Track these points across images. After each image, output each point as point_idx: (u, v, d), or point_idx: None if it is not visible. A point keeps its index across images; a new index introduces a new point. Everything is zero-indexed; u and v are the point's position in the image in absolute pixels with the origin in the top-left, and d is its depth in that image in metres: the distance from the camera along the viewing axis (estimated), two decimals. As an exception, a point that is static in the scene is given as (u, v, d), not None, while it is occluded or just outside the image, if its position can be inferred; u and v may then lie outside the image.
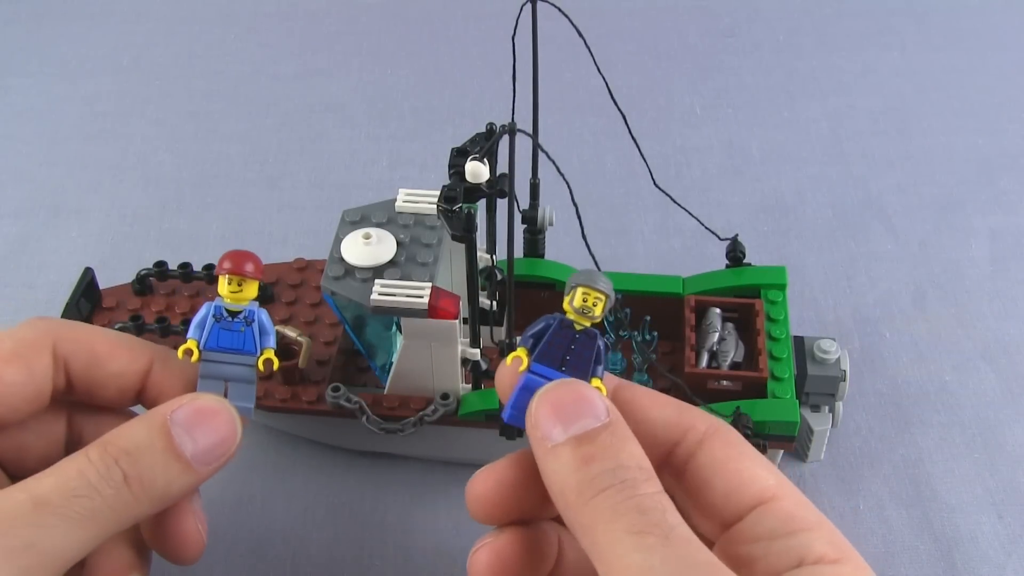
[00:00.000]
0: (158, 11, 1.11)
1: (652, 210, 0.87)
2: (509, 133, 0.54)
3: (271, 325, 0.51)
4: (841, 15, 1.09)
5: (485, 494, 0.47)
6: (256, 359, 0.50)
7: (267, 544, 0.65)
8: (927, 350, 0.76)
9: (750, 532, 0.44)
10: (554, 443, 0.43)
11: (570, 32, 0.59)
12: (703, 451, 0.46)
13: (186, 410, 0.47)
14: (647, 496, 0.41)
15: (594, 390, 0.45)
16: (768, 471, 0.45)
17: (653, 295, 0.70)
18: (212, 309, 0.50)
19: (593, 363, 0.46)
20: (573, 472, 0.42)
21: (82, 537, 0.44)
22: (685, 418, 0.46)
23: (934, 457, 0.70)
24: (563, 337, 0.46)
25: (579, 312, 0.46)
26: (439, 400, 0.63)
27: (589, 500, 0.41)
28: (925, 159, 0.93)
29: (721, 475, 0.45)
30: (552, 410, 0.44)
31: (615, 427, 0.43)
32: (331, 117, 0.98)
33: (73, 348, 0.50)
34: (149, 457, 0.46)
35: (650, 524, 0.40)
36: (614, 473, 0.41)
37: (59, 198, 0.89)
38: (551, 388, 0.45)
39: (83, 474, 0.44)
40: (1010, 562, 0.64)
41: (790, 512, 0.44)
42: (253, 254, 0.51)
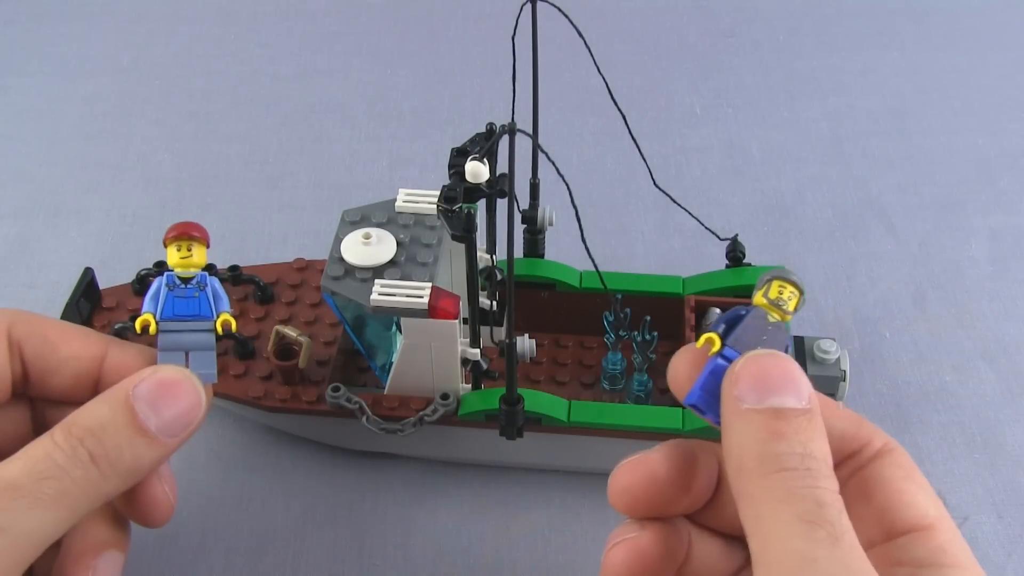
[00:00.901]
0: (158, 11, 1.11)
1: (652, 210, 0.87)
2: (509, 133, 0.54)
3: (224, 290, 0.52)
4: (841, 15, 1.09)
5: (633, 486, 0.46)
6: (213, 323, 0.51)
7: (267, 544, 0.65)
8: (927, 350, 0.76)
9: (898, 555, 0.42)
10: (748, 406, 0.41)
11: (570, 32, 0.59)
12: (872, 466, 0.44)
13: (148, 383, 0.47)
14: (828, 491, 0.39)
15: (802, 372, 0.43)
16: (931, 501, 0.43)
17: (653, 295, 0.70)
18: (164, 279, 0.51)
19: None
20: (760, 441, 0.41)
21: (54, 518, 0.43)
22: (863, 432, 0.45)
23: (934, 457, 0.70)
24: (757, 327, 0.45)
25: (773, 304, 0.45)
26: (439, 400, 0.63)
27: (768, 473, 0.40)
28: (925, 159, 0.93)
29: (883, 492, 0.43)
30: (757, 374, 0.42)
31: (813, 416, 0.42)
32: (331, 117, 0.98)
33: (26, 332, 0.50)
34: (113, 434, 0.45)
35: (824, 519, 0.39)
36: (802, 459, 0.40)
37: (59, 198, 0.89)
38: (762, 355, 0.43)
39: (49, 456, 0.44)
40: (1010, 562, 0.64)
41: (943, 545, 0.42)
42: (198, 223, 0.52)
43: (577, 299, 0.71)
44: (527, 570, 0.64)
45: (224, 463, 0.70)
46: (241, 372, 0.67)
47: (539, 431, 0.64)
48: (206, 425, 0.71)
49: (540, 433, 0.64)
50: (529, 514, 0.67)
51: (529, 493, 0.68)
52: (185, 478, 0.69)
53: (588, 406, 0.63)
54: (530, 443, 0.64)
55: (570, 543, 0.66)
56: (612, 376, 0.69)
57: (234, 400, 0.66)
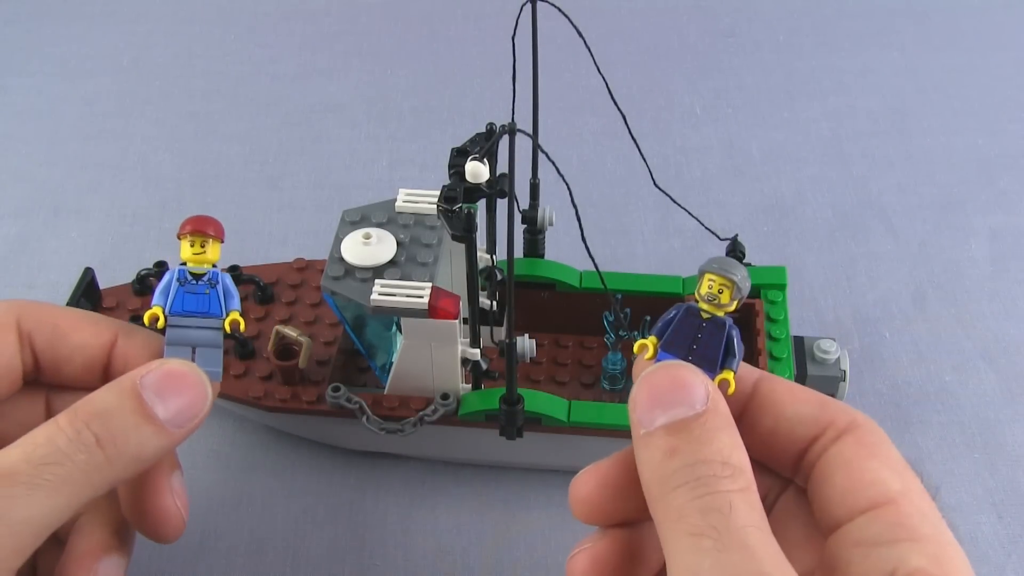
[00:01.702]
0: (158, 11, 1.11)
1: (652, 210, 0.87)
2: (509, 133, 0.54)
3: (235, 288, 0.51)
4: (841, 15, 1.09)
5: (588, 495, 0.45)
6: (222, 321, 0.50)
7: (267, 544, 0.65)
8: (927, 350, 0.76)
9: (854, 536, 0.41)
10: (647, 430, 0.41)
11: (570, 32, 0.59)
12: (835, 446, 0.43)
13: (155, 374, 0.46)
14: (717, 495, 0.39)
15: (697, 375, 0.42)
16: (896, 475, 0.42)
17: (653, 295, 0.70)
18: (176, 273, 0.51)
19: (723, 353, 0.43)
20: (658, 464, 0.40)
21: (54, 504, 0.43)
22: (826, 413, 0.43)
23: (934, 457, 0.70)
24: (689, 325, 0.44)
25: (706, 300, 0.44)
26: (439, 400, 0.63)
27: (664, 495, 0.40)
28: (925, 159, 0.93)
29: (844, 472, 0.42)
30: (649, 394, 0.42)
31: (708, 417, 0.41)
32: (331, 117, 0.98)
33: (36, 323, 0.50)
34: (120, 419, 0.45)
35: (708, 526, 0.38)
36: (692, 469, 0.39)
37: (59, 198, 0.89)
38: (652, 371, 0.42)
39: (52, 440, 0.43)
40: (1010, 562, 0.64)
41: (900, 520, 0.40)
42: (215, 218, 0.51)
43: (577, 299, 0.71)
44: (527, 570, 0.64)
45: (224, 463, 0.70)
46: (241, 372, 0.67)
47: (539, 431, 0.64)
48: (206, 425, 0.71)
49: (540, 433, 0.64)
50: (529, 514, 0.67)
51: (529, 493, 0.68)
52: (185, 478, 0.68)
53: (588, 406, 0.63)
54: (530, 443, 0.64)
55: (570, 543, 0.65)
56: (612, 376, 0.69)
57: (234, 400, 0.66)
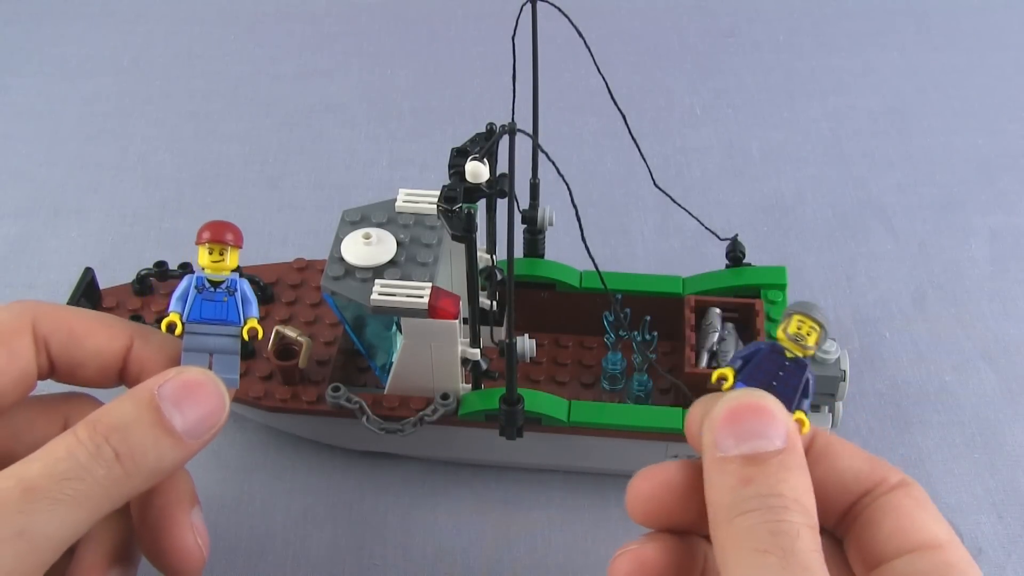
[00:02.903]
0: (158, 11, 1.11)
1: (652, 210, 0.87)
2: (509, 133, 0.54)
3: (253, 295, 0.51)
4: (841, 15, 1.09)
5: (649, 492, 0.45)
6: (240, 329, 0.50)
7: (267, 544, 0.65)
8: (927, 350, 0.76)
9: (901, 570, 0.42)
10: (724, 454, 0.41)
11: (570, 32, 0.59)
12: (886, 496, 0.44)
13: (173, 384, 0.46)
14: (785, 522, 0.40)
15: (781, 408, 0.43)
16: (943, 528, 0.43)
17: (653, 295, 0.70)
18: (194, 280, 0.50)
19: (800, 395, 0.44)
20: (730, 489, 0.41)
21: (75, 519, 0.43)
22: (879, 470, 0.45)
23: (934, 457, 0.70)
24: (772, 363, 0.45)
25: (792, 339, 0.45)
26: (439, 400, 0.63)
27: (732, 519, 0.40)
28: (925, 159, 0.93)
29: (894, 517, 0.43)
30: (731, 418, 0.42)
31: (788, 455, 0.41)
32: (331, 117, 0.98)
33: (52, 327, 0.50)
34: (139, 432, 0.45)
35: (776, 545, 0.39)
36: (766, 499, 0.40)
37: (59, 198, 0.89)
38: (736, 395, 0.43)
39: (73, 455, 0.43)
40: (1010, 562, 0.64)
41: (948, 561, 0.41)
42: (233, 224, 0.51)
43: (577, 299, 0.71)
44: (527, 570, 0.64)
45: (224, 463, 0.70)
46: (241, 372, 0.66)
47: (539, 431, 0.64)
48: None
49: (540, 433, 0.64)
50: (529, 514, 0.67)
51: (529, 493, 0.68)
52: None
53: (588, 406, 0.63)
54: (530, 443, 0.64)
55: (570, 543, 0.66)
56: (612, 376, 0.69)
57: (234, 400, 0.66)
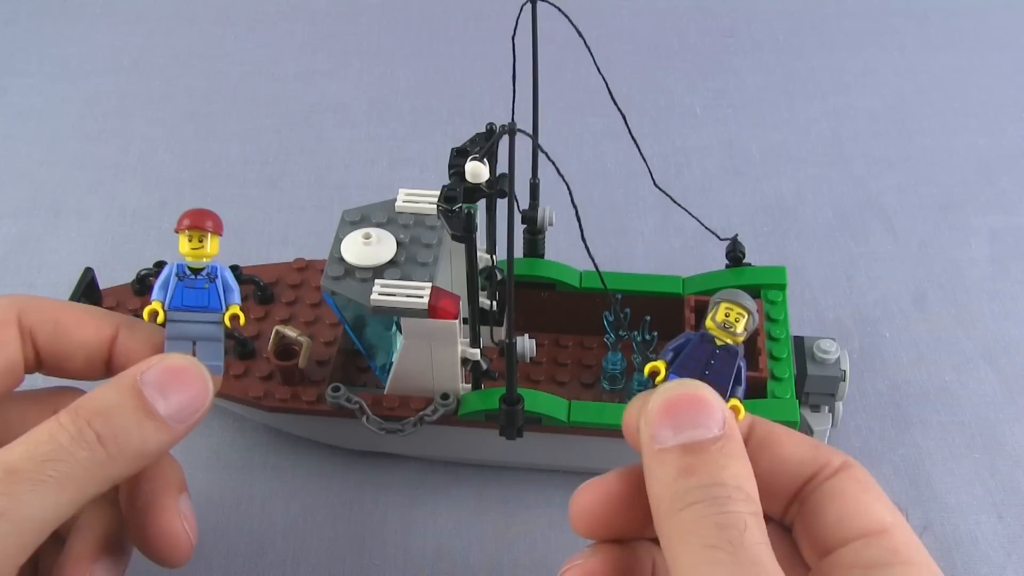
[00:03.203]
0: (158, 11, 1.11)
1: (652, 210, 0.87)
2: (509, 133, 0.54)
3: (235, 282, 0.51)
4: (841, 15, 1.09)
5: (590, 508, 0.46)
6: (222, 315, 0.50)
7: (267, 544, 0.65)
8: (927, 350, 0.76)
9: (849, 559, 0.42)
10: (662, 445, 0.42)
11: (570, 32, 0.59)
12: (829, 481, 0.45)
13: (156, 370, 0.47)
14: (731, 513, 0.40)
15: (716, 397, 0.43)
16: (888, 510, 0.44)
17: (653, 295, 0.70)
18: (174, 268, 0.50)
19: (732, 382, 0.45)
20: (672, 480, 0.41)
21: (57, 501, 0.43)
22: (821, 455, 0.45)
23: (934, 457, 0.70)
24: (703, 352, 0.45)
25: (721, 327, 0.45)
26: (439, 400, 0.63)
27: (678, 511, 0.40)
28: (925, 159, 0.93)
29: (838, 503, 0.44)
30: (666, 409, 0.42)
31: (726, 442, 0.42)
32: (331, 117, 0.98)
33: (38, 319, 0.50)
34: (122, 416, 0.45)
35: (723, 539, 0.39)
36: (709, 489, 0.40)
37: (59, 198, 0.89)
38: (671, 387, 0.43)
39: (55, 438, 0.44)
40: (1010, 562, 0.64)
41: (894, 546, 0.42)
42: (213, 212, 0.51)
43: (577, 299, 0.71)
44: (527, 570, 0.64)
45: (224, 463, 0.70)
46: (241, 372, 0.67)
47: (539, 431, 0.64)
48: (206, 425, 0.71)
49: (540, 433, 0.64)
50: (529, 514, 0.67)
51: (529, 493, 0.68)
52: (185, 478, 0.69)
53: (588, 406, 0.63)
54: (530, 443, 0.64)
55: (570, 543, 0.65)
56: (612, 376, 0.69)
57: (234, 400, 0.66)
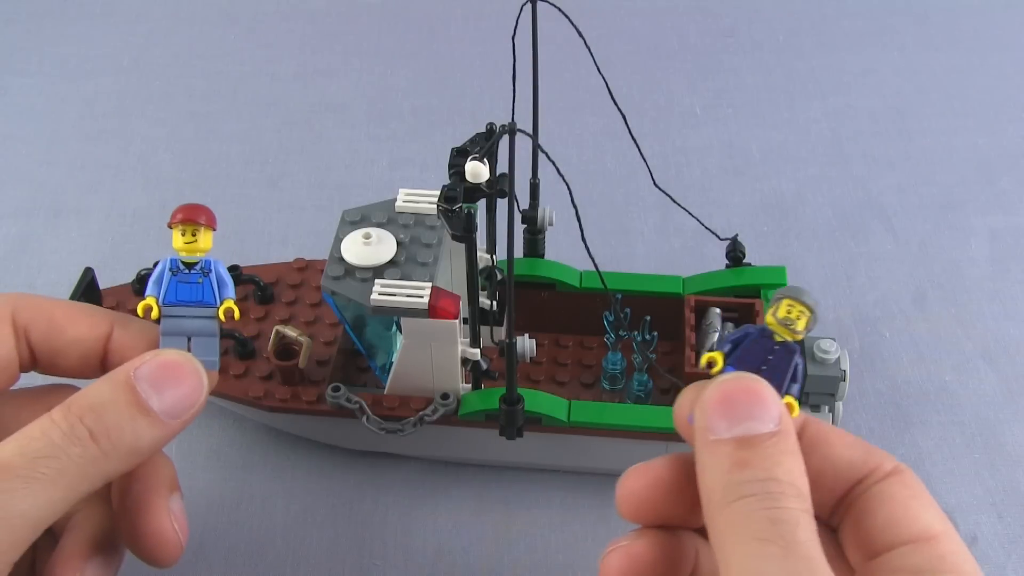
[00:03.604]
0: (158, 11, 1.11)
1: (652, 210, 0.87)
2: (509, 133, 0.54)
3: (229, 276, 0.51)
4: (841, 15, 1.09)
5: (638, 491, 0.45)
6: (216, 310, 0.50)
7: (267, 544, 0.65)
8: (927, 350, 0.76)
9: (896, 563, 0.42)
10: (716, 436, 0.41)
11: (570, 32, 0.59)
12: (879, 485, 0.44)
13: (150, 365, 0.46)
14: (784, 509, 0.40)
15: (772, 392, 0.43)
16: (938, 518, 0.43)
17: (653, 295, 0.70)
18: (168, 263, 0.50)
19: (789, 379, 0.45)
20: (725, 472, 0.41)
21: (50, 498, 0.43)
22: (873, 458, 0.45)
23: (934, 457, 0.70)
24: (762, 347, 0.45)
25: (782, 323, 0.45)
26: (439, 400, 0.63)
27: (730, 503, 0.40)
28: (925, 159, 0.93)
29: (888, 507, 0.43)
30: (723, 401, 0.42)
31: (781, 438, 0.42)
32: (331, 117, 0.98)
33: (31, 316, 0.50)
34: (114, 412, 0.45)
35: (777, 534, 0.39)
36: (763, 484, 0.40)
37: (59, 198, 0.89)
38: (728, 379, 0.43)
39: (46, 434, 0.44)
40: (1010, 562, 0.64)
41: (943, 554, 0.41)
42: (206, 206, 0.51)
43: (577, 299, 0.71)
44: (527, 570, 0.64)
45: (224, 463, 0.70)
46: (241, 372, 0.67)
47: (539, 431, 0.64)
48: (206, 425, 0.71)
49: (540, 433, 0.64)
50: (529, 514, 0.67)
51: (529, 493, 0.68)
52: (185, 478, 0.68)
53: (588, 406, 0.63)
54: (530, 443, 0.64)
55: (570, 543, 0.66)
56: (612, 376, 0.69)
57: (234, 400, 0.66)
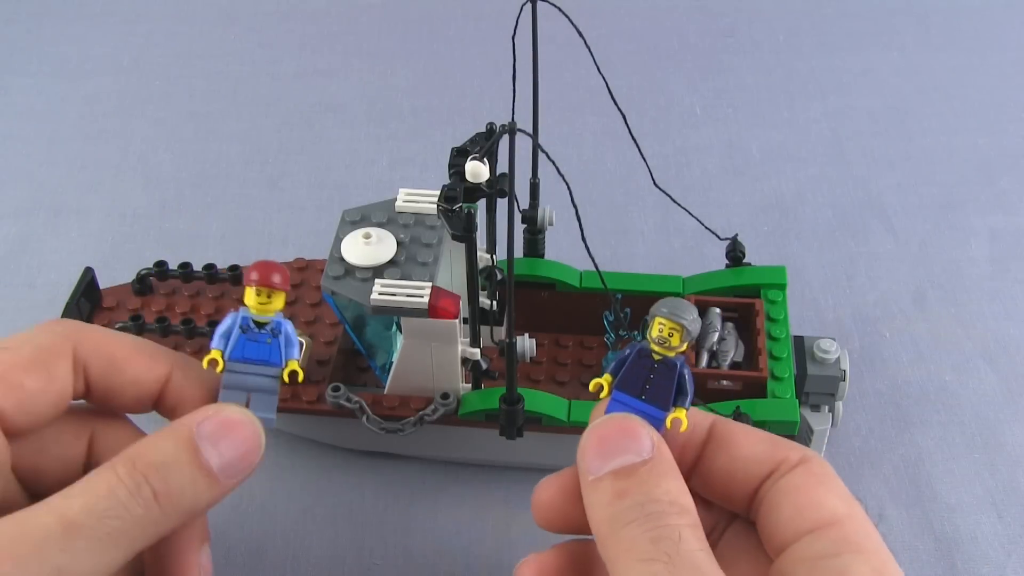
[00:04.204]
0: (158, 11, 1.11)
1: (652, 210, 0.87)
2: (509, 133, 0.54)
3: (296, 337, 0.51)
4: (841, 15, 1.09)
5: (549, 501, 0.48)
6: (281, 371, 0.50)
7: (267, 544, 0.65)
8: (927, 350, 0.76)
9: (800, 553, 0.44)
10: (595, 476, 0.44)
11: (570, 32, 0.59)
12: (786, 476, 0.46)
13: (212, 422, 0.46)
14: (667, 527, 0.41)
15: (643, 426, 0.45)
16: (843, 501, 0.45)
17: (653, 295, 0.69)
18: (239, 320, 0.50)
19: (675, 392, 0.46)
20: (607, 506, 0.43)
21: (111, 557, 0.43)
22: (779, 451, 0.46)
23: (934, 457, 0.70)
24: (641, 366, 0.46)
25: (657, 343, 0.46)
26: (439, 400, 0.63)
27: (615, 533, 0.42)
28: (925, 159, 0.93)
29: (792, 498, 0.45)
30: (597, 443, 0.45)
31: (655, 463, 0.44)
32: (331, 117, 0.98)
33: (92, 353, 0.49)
34: (177, 472, 0.45)
35: (660, 552, 0.41)
36: (642, 507, 0.42)
37: (59, 198, 0.89)
38: (599, 422, 0.45)
39: (113, 492, 0.43)
40: (1010, 562, 0.64)
41: (844, 536, 0.43)
42: (281, 265, 0.50)
43: (577, 299, 0.71)
44: (527, 570, 0.64)
45: (224, 463, 0.70)
46: (241, 372, 0.67)
47: (539, 431, 0.64)
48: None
49: (540, 433, 0.64)
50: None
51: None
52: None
53: (588, 406, 0.63)
54: (530, 443, 0.64)
55: (570, 543, 0.65)
56: (612, 376, 0.69)
57: (234, 400, 0.66)
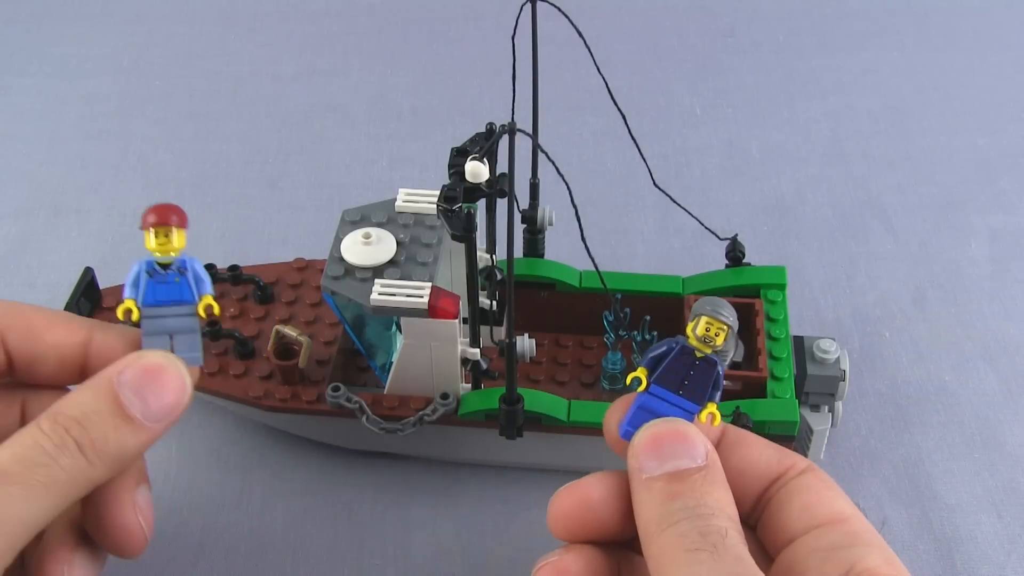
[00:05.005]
0: (158, 11, 1.11)
1: (652, 210, 0.87)
2: (509, 133, 0.54)
3: (205, 272, 0.51)
4: (841, 15, 1.09)
5: (569, 511, 0.48)
6: (196, 307, 0.50)
7: (267, 544, 0.65)
8: (927, 350, 0.76)
9: (811, 544, 0.45)
10: (648, 475, 0.45)
11: (570, 32, 0.59)
12: (795, 481, 0.48)
13: (132, 371, 0.47)
14: (715, 526, 0.43)
15: (697, 432, 0.46)
16: (848, 504, 0.47)
17: (653, 295, 0.70)
18: (143, 265, 0.50)
19: (711, 389, 0.47)
20: (658, 505, 0.44)
21: (43, 505, 0.44)
22: (787, 459, 0.48)
23: (934, 457, 0.70)
24: (683, 363, 0.47)
25: (701, 340, 0.47)
26: (439, 400, 0.63)
27: (664, 530, 0.43)
28: (925, 159, 0.93)
29: (803, 496, 0.47)
30: (652, 443, 0.46)
31: (709, 471, 0.45)
32: (331, 117, 0.98)
33: (9, 321, 0.50)
34: (99, 423, 0.46)
35: (707, 542, 0.42)
36: (693, 509, 0.43)
37: (59, 198, 0.89)
38: (656, 423, 0.46)
39: (39, 444, 0.44)
40: (1010, 562, 0.64)
41: (855, 531, 0.45)
42: (177, 206, 0.51)
43: (577, 299, 0.71)
44: (527, 570, 0.64)
45: (224, 463, 0.70)
46: (241, 372, 0.67)
47: (539, 431, 0.64)
48: (206, 425, 0.71)
49: (540, 433, 0.64)
50: (529, 514, 0.67)
51: (529, 493, 0.68)
52: (185, 478, 0.69)
53: (588, 406, 0.63)
54: (530, 443, 0.64)
55: (570, 543, 0.65)
56: (612, 376, 0.69)
57: (234, 400, 0.66)
